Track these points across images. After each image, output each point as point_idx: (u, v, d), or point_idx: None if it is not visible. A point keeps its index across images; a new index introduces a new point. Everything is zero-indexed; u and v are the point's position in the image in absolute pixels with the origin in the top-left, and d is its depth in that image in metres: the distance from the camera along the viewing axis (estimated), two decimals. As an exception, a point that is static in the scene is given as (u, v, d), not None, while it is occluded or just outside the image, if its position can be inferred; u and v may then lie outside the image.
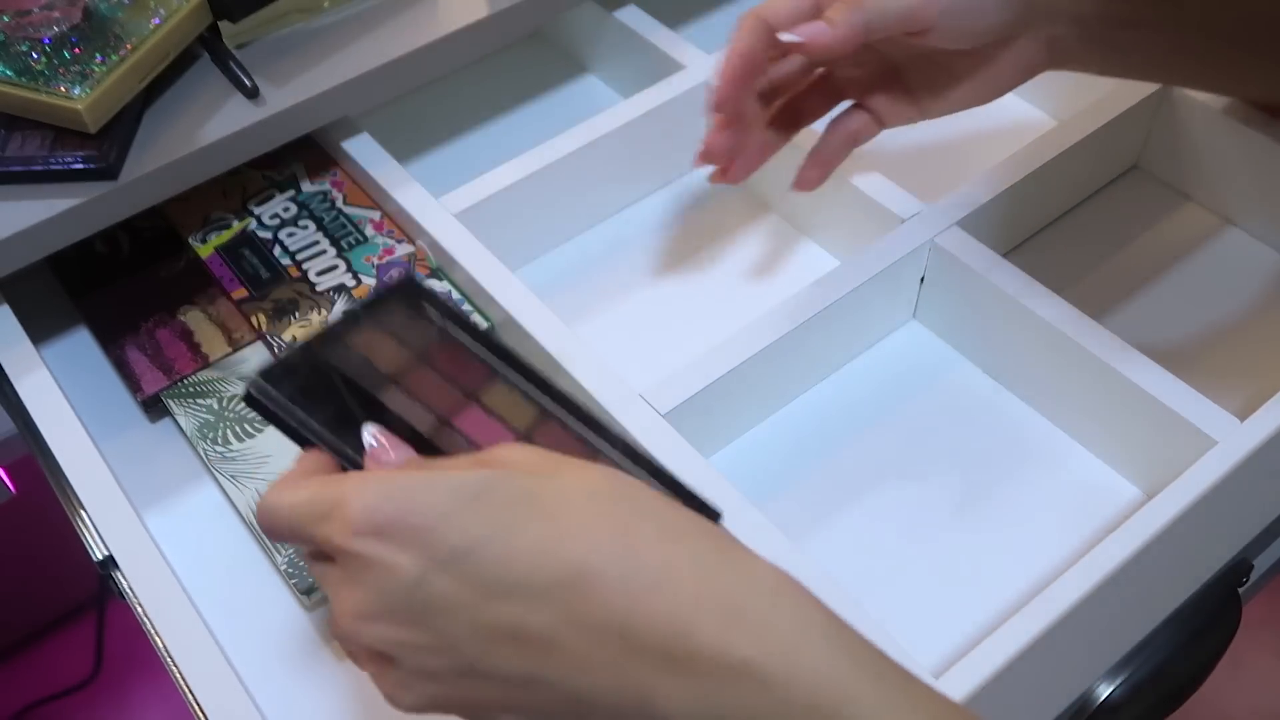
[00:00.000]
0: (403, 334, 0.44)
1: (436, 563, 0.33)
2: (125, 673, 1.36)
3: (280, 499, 0.37)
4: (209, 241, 0.66)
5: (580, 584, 0.32)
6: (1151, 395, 0.55)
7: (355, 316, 0.45)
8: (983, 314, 0.61)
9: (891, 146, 0.75)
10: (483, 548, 0.33)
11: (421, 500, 0.34)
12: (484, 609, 0.33)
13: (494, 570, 0.33)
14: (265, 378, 0.41)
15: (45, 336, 0.66)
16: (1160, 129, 0.70)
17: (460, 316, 0.46)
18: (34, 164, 0.58)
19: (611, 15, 0.74)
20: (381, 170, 0.66)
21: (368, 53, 0.65)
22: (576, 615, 0.32)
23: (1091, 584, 0.48)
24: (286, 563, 0.54)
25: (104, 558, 0.53)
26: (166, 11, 0.62)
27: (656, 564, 0.32)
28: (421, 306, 0.46)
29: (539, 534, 0.33)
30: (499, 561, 0.33)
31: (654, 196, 0.73)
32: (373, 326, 0.44)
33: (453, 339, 0.45)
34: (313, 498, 0.36)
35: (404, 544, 0.34)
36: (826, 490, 0.59)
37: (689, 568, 0.32)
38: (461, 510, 0.33)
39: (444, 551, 0.33)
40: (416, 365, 0.44)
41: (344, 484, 0.35)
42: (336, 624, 0.36)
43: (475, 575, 0.33)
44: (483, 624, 0.33)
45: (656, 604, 0.32)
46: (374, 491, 0.34)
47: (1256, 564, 0.62)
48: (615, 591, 0.32)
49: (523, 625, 0.32)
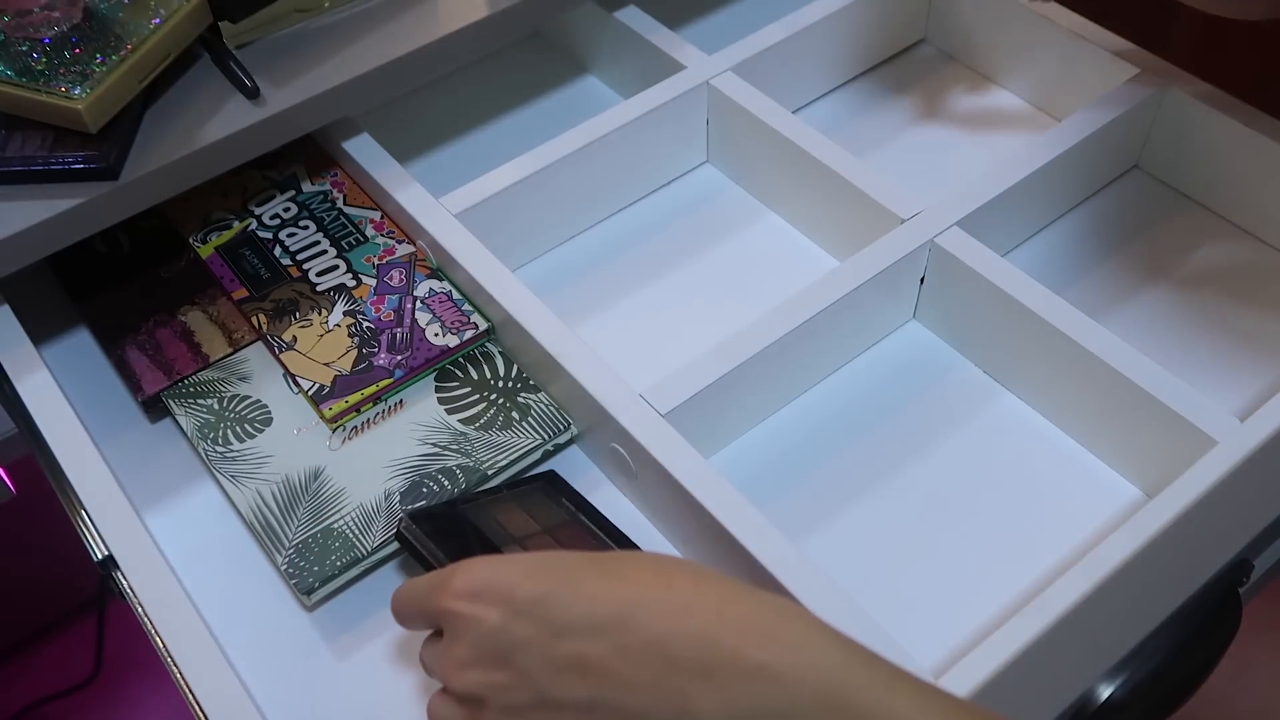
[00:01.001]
0: (534, 510, 0.55)
1: (514, 611, 0.41)
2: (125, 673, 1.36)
3: (408, 584, 0.47)
4: (209, 241, 0.66)
5: (628, 619, 0.39)
6: (1151, 395, 0.55)
7: (498, 490, 0.56)
8: (983, 314, 0.61)
9: (892, 146, 0.75)
10: (551, 596, 0.40)
11: (506, 568, 0.42)
12: (552, 646, 0.40)
13: (560, 613, 0.40)
14: (413, 518, 0.52)
15: (45, 336, 0.66)
16: (1160, 129, 0.70)
17: (592, 509, 0.56)
18: (34, 164, 0.58)
19: (611, 15, 0.74)
20: (381, 170, 0.66)
21: (368, 53, 0.65)
22: (625, 644, 0.39)
23: (1091, 584, 0.48)
24: (286, 563, 0.54)
25: (104, 558, 0.53)
26: (166, 11, 0.62)
27: (688, 595, 0.39)
28: (558, 497, 0.57)
29: (595, 584, 0.40)
30: (564, 605, 0.40)
31: (654, 196, 0.73)
32: (511, 500, 0.55)
33: (581, 524, 0.55)
34: (429, 578, 0.46)
35: (491, 601, 0.42)
36: (826, 490, 0.59)
37: (713, 596, 0.39)
38: (536, 572, 0.42)
39: (521, 602, 0.41)
40: (540, 535, 0.53)
41: (454, 566, 0.44)
42: (446, 680, 0.44)
43: (545, 618, 0.40)
44: (552, 658, 0.40)
45: (688, 624, 0.38)
46: (473, 565, 0.43)
47: (1256, 564, 0.62)
48: (656, 619, 0.39)
49: (583, 656, 0.39)
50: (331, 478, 0.57)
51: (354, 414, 0.60)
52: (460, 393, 0.60)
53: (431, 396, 0.60)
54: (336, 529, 0.55)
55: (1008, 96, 0.78)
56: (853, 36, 0.76)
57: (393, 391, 0.60)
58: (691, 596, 0.39)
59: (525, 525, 0.53)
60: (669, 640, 0.38)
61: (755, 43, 0.71)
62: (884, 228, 0.62)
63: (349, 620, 0.54)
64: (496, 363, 0.62)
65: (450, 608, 0.43)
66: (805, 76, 0.76)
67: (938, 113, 0.77)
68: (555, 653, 0.40)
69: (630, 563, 0.42)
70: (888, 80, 0.79)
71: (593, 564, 0.42)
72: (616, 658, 0.39)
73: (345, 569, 0.54)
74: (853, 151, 0.66)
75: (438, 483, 0.57)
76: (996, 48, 0.77)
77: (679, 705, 0.38)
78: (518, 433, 0.59)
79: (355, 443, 0.59)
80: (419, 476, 0.57)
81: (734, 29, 0.77)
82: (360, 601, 0.55)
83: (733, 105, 0.69)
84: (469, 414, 0.60)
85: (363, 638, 0.54)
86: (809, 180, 0.67)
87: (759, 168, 0.71)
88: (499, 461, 0.57)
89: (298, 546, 0.54)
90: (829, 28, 0.74)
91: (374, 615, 0.55)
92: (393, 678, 0.53)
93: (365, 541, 0.55)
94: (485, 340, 0.62)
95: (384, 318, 0.62)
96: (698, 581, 0.40)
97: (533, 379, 0.61)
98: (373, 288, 0.64)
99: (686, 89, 0.69)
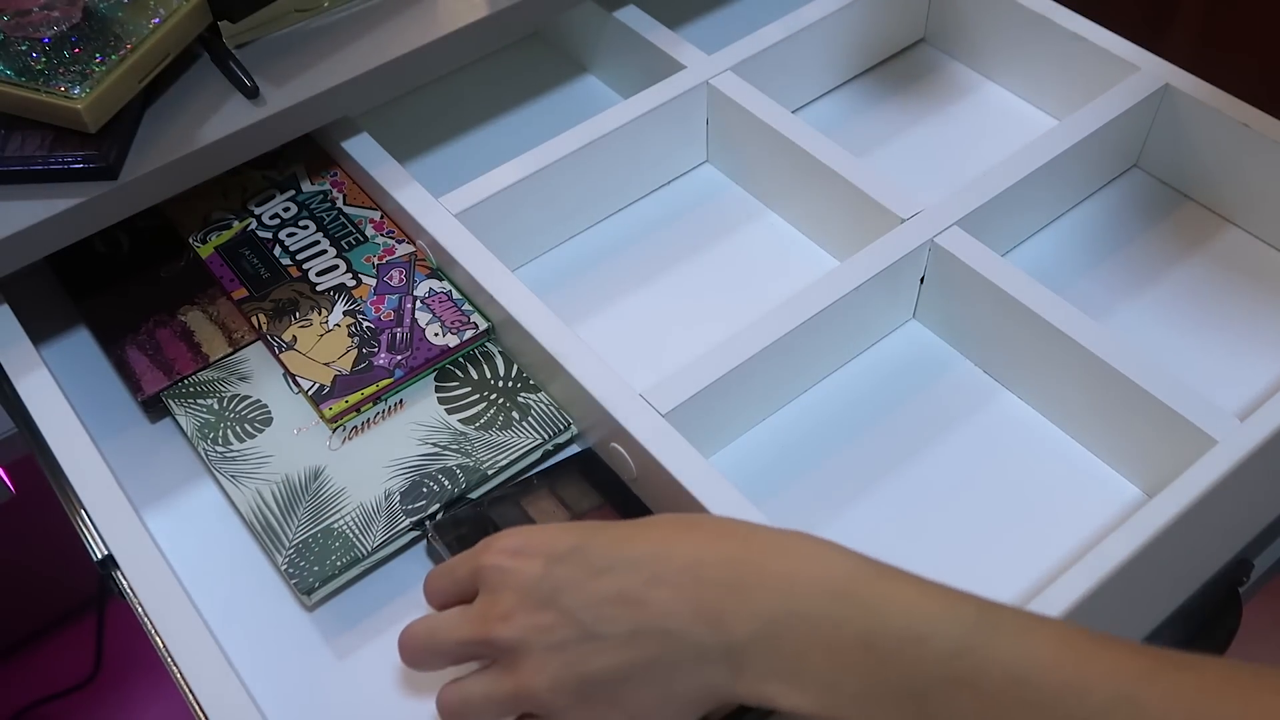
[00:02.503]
0: (566, 495, 0.57)
1: (556, 559, 0.45)
2: (125, 673, 1.36)
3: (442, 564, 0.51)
4: (209, 241, 0.66)
5: (661, 553, 0.44)
6: (1151, 395, 0.55)
7: (530, 480, 0.57)
8: (983, 314, 0.61)
9: (892, 146, 0.75)
10: (588, 544, 0.45)
11: (542, 530, 0.47)
12: (593, 584, 0.44)
13: (597, 556, 0.44)
14: (438, 526, 0.55)
15: (45, 336, 0.66)
16: (1160, 129, 0.70)
17: (627, 490, 0.57)
18: (34, 164, 0.58)
19: (611, 15, 0.74)
20: (381, 170, 0.66)
21: (368, 53, 0.65)
22: (660, 573, 0.43)
23: (1091, 584, 0.48)
24: (286, 562, 0.54)
25: (104, 557, 0.53)
26: (166, 11, 0.62)
27: (714, 529, 0.45)
28: (593, 478, 0.58)
29: (628, 531, 0.46)
30: (600, 549, 0.45)
31: (654, 196, 0.73)
32: (543, 486, 0.57)
33: (610, 513, 0.56)
34: (468, 550, 0.49)
35: (532, 555, 0.46)
36: (826, 490, 0.59)
37: (738, 528, 0.45)
38: (571, 529, 0.46)
39: (560, 551, 0.45)
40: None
41: (491, 537, 0.48)
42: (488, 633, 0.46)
43: (584, 562, 0.44)
44: (593, 594, 0.44)
45: (718, 549, 0.43)
46: (510, 532, 0.48)
47: (1256, 564, 0.62)
48: (688, 548, 0.44)
49: (623, 590, 0.43)
50: (331, 478, 0.57)
51: (354, 414, 0.60)
52: (460, 392, 0.60)
53: (431, 396, 0.60)
54: (337, 529, 0.55)
55: (1008, 96, 0.78)
56: (852, 36, 0.76)
57: (393, 391, 0.60)
58: (718, 530, 0.45)
59: (555, 514, 0.55)
60: (701, 565, 0.43)
61: (755, 43, 0.71)
62: (884, 227, 0.62)
63: (349, 620, 0.54)
64: (496, 362, 0.62)
65: (492, 563, 0.46)
66: (805, 76, 0.76)
67: (938, 113, 0.77)
68: (596, 589, 0.44)
69: (657, 518, 0.47)
70: (888, 80, 0.79)
71: (623, 523, 0.47)
72: (654, 587, 0.43)
73: (345, 569, 0.54)
74: (853, 151, 0.66)
75: (438, 483, 0.57)
76: (996, 48, 0.77)
77: (713, 620, 0.42)
78: (518, 432, 0.59)
79: (355, 443, 0.59)
80: (419, 476, 0.57)
81: (734, 29, 0.77)
82: (360, 601, 0.55)
83: (733, 105, 0.69)
84: (469, 414, 0.60)
85: (363, 638, 0.54)
86: (809, 180, 0.67)
87: (759, 167, 0.71)
88: (499, 461, 0.57)
89: (298, 546, 0.54)
90: (829, 28, 0.74)
91: (374, 615, 0.55)
92: (393, 678, 0.52)
93: (365, 541, 0.55)
94: (485, 340, 0.62)
95: (384, 317, 0.62)
96: (720, 521, 0.47)
97: (533, 379, 0.61)
98: (373, 287, 0.64)
99: (686, 89, 0.69)
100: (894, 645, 0.40)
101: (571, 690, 0.44)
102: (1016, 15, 0.74)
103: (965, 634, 0.39)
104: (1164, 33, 0.90)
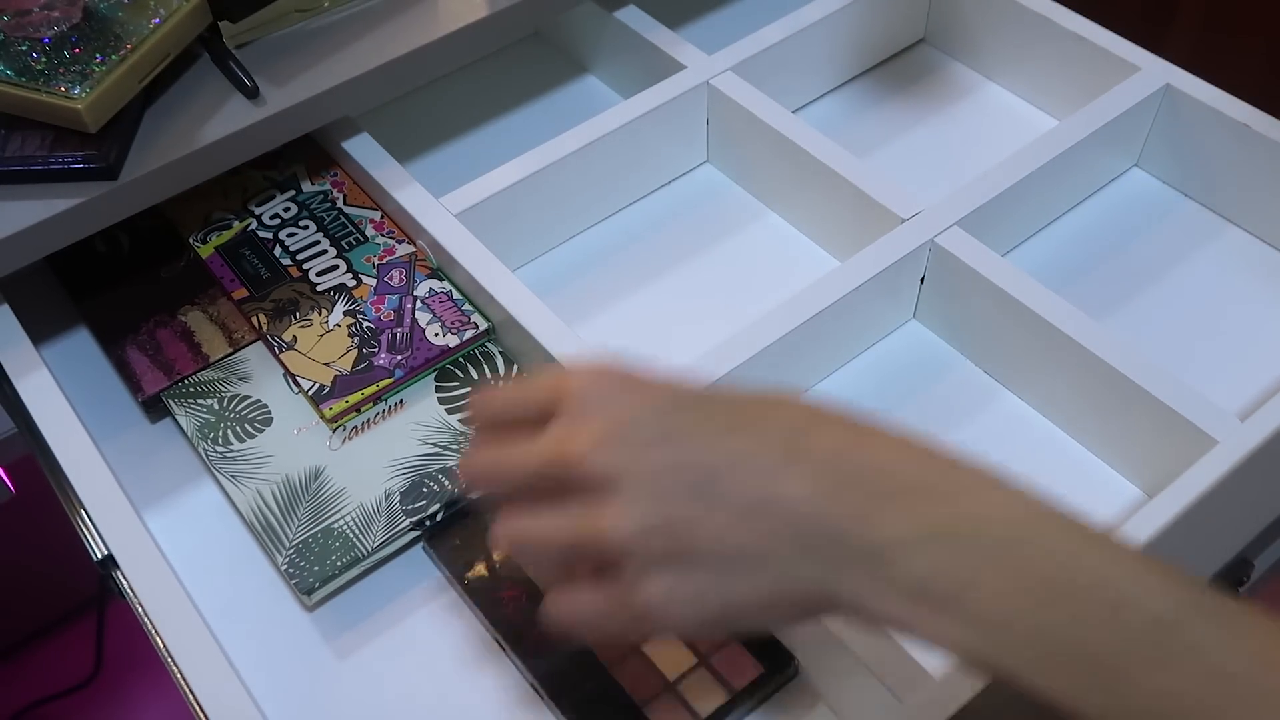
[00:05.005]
0: None
1: (675, 402, 0.39)
2: (125, 673, 1.36)
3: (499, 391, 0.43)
4: (209, 241, 0.66)
5: (801, 430, 0.37)
6: (1151, 395, 0.55)
7: None
8: (983, 314, 0.61)
9: (892, 146, 0.75)
10: (714, 397, 0.39)
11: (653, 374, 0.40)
12: (717, 440, 0.37)
13: (728, 411, 0.38)
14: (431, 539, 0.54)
15: (45, 336, 0.66)
16: (1160, 129, 0.70)
17: None
18: (34, 164, 0.58)
19: (611, 15, 0.74)
20: (381, 170, 0.66)
21: (368, 53, 0.65)
22: (800, 451, 0.37)
23: (1092, 584, 0.48)
24: (287, 563, 0.54)
25: (104, 557, 0.53)
26: (166, 11, 0.62)
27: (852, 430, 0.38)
28: None
29: (759, 396, 0.39)
30: (731, 406, 0.39)
31: (654, 196, 0.73)
32: None
33: None
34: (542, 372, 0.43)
35: (642, 391, 0.39)
36: (826, 490, 0.58)
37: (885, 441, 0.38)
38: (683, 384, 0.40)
39: (684, 397, 0.39)
40: None
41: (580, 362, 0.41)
42: (577, 455, 0.38)
43: (710, 415, 0.38)
44: (716, 451, 0.37)
45: (862, 455, 0.37)
46: (609, 359, 0.41)
47: (1256, 564, 0.62)
48: (832, 439, 0.37)
49: (752, 454, 0.37)
50: (332, 478, 0.57)
51: (354, 414, 0.60)
52: (460, 392, 0.60)
53: (431, 396, 0.60)
54: (337, 529, 0.55)
55: (1008, 96, 0.78)
56: (852, 36, 0.76)
57: (393, 391, 0.60)
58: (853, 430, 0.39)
59: None
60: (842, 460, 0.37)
61: (755, 43, 0.71)
62: (884, 228, 0.62)
63: (349, 620, 0.54)
64: (496, 363, 0.62)
65: (590, 386, 0.39)
66: (805, 76, 0.76)
67: (938, 113, 0.77)
68: (720, 446, 0.37)
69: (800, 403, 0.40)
70: (888, 80, 0.79)
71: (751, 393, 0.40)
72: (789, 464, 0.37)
73: (345, 569, 0.54)
74: (853, 151, 0.66)
75: (438, 483, 0.57)
76: (996, 48, 0.77)
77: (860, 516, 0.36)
78: (518, 433, 0.59)
79: (355, 443, 0.59)
80: (419, 476, 0.57)
81: (734, 29, 0.77)
82: (360, 601, 0.55)
83: (733, 105, 0.69)
84: (469, 414, 0.60)
85: (363, 638, 0.54)
86: (809, 180, 0.67)
87: (759, 167, 0.71)
88: (499, 461, 0.57)
89: (298, 546, 0.54)
90: (829, 28, 0.74)
91: (374, 615, 0.55)
92: (393, 678, 0.53)
93: (365, 541, 0.55)
94: (485, 340, 0.62)
95: (384, 318, 0.62)
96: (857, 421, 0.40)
97: (533, 379, 0.61)
98: (373, 287, 0.64)
99: (686, 89, 0.69)
100: (1093, 603, 0.34)
101: (661, 547, 0.37)
102: (1017, 15, 0.74)
103: (1173, 609, 0.34)
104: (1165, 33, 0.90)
